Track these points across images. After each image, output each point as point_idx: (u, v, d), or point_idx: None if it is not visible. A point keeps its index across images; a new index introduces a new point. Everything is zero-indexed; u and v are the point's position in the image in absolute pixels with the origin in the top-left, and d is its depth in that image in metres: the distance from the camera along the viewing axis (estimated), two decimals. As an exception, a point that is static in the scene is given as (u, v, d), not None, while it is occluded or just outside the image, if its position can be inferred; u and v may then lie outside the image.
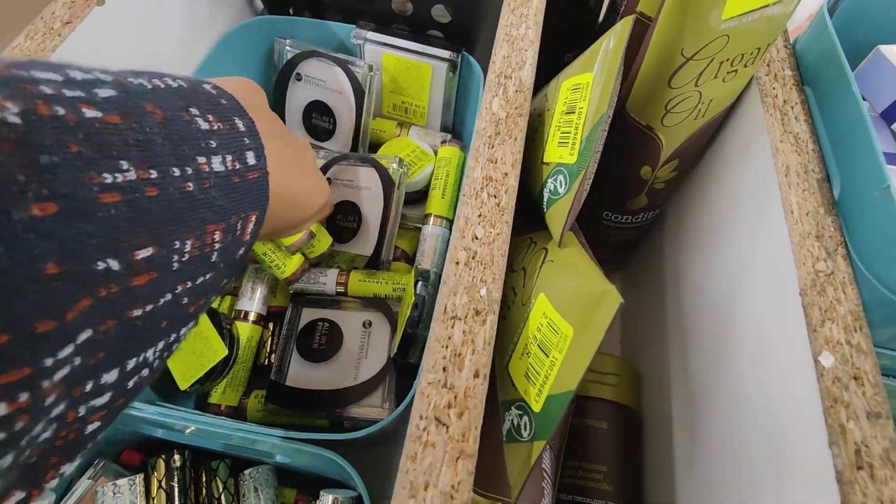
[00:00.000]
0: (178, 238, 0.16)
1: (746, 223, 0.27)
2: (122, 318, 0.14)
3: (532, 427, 0.20)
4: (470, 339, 0.20)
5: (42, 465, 0.14)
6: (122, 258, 0.14)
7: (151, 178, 0.15)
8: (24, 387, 0.12)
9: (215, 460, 0.32)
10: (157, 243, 0.15)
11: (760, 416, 0.23)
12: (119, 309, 0.14)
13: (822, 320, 0.21)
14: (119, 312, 0.14)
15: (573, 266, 0.22)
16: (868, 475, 0.18)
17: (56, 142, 0.13)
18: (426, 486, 0.17)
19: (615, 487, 0.31)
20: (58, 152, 0.13)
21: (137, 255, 0.14)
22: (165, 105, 0.16)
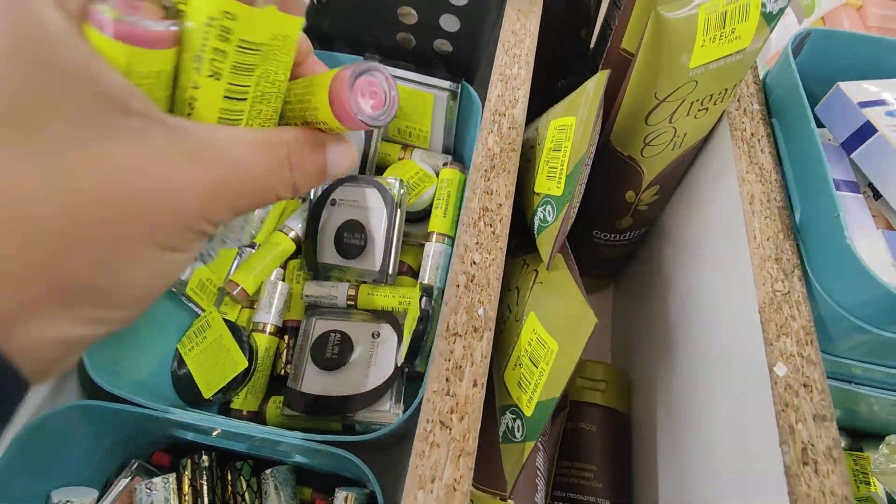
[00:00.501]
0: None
1: (719, 245, 0.30)
2: None
3: (524, 429, 0.23)
4: (469, 353, 0.23)
5: None
6: None
7: None
8: None
9: (239, 461, 0.35)
10: None
11: (726, 419, 0.26)
12: None
13: (777, 335, 0.24)
14: None
15: (559, 288, 0.25)
16: (812, 470, 0.21)
17: None
18: (433, 479, 0.20)
19: (604, 484, 0.34)
20: None
21: None
22: None
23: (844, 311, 0.25)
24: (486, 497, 0.25)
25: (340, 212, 0.44)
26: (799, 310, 0.25)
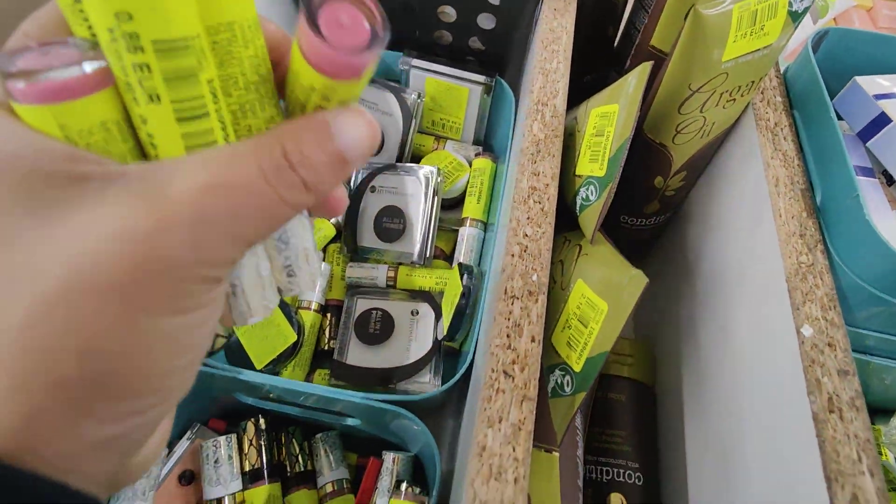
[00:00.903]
0: None
1: (745, 224, 0.32)
2: None
3: (574, 384, 0.26)
4: (526, 314, 0.25)
5: None
6: None
7: None
8: None
9: (291, 426, 0.38)
10: None
11: (754, 380, 0.28)
12: None
13: (803, 301, 0.26)
14: None
15: (604, 258, 0.27)
16: (838, 417, 0.23)
17: None
18: (500, 420, 0.23)
19: (633, 448, 0.36)
20: None
21: None
22: None
23: (864, 282, 0.28)
24: (535, 451, 0.28)
25: (380, 198, 0.46)
26: (822, 279, 0.27)
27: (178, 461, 0.36)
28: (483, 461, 0.22)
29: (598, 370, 0.25)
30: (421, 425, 0.30)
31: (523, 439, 0.22)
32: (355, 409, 0.32)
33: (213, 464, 0.34)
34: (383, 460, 0.35)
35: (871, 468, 0.22)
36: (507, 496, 0.21)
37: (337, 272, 0.47)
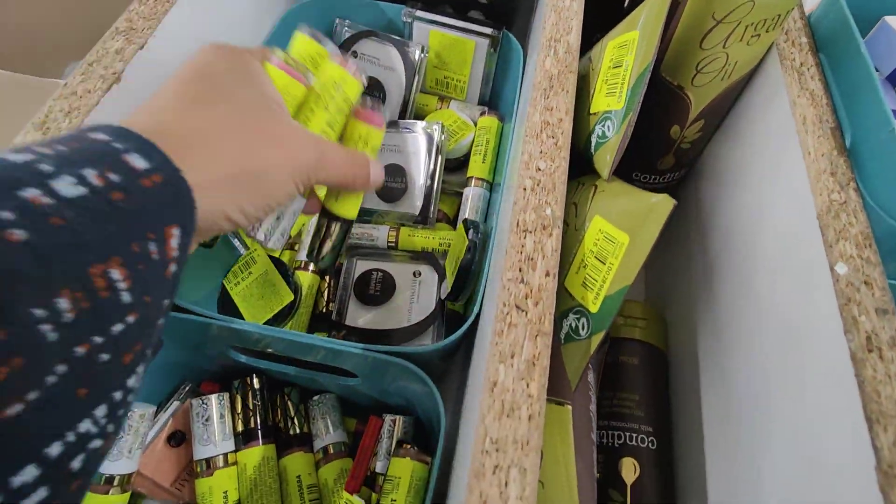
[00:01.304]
0: (35, 302, 0.13)
1: (768, 166, 0.31)
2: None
3: (590, 326, 0.24)
4: (540, 248, 0.23)
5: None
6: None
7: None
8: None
9: (287, 387, 0.36)
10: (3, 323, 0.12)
11: (780, 327, 0.26)
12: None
13: (836, 239, 0.24)
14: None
15: (622, 191, 0.25)
16: (878, 356, 0.21)
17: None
18: (512, 355, 0.21)
19: (646, 413, 0.35)
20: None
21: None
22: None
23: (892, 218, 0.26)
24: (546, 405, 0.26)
25: (381, 157, 0.44)
26: (857, 217, 0.25)
27: (167, 422, 0.34)
28: (495, 397, 0.20)
29: (618, 309, 0.23)
30: (423, 376, 0.28)
31: (538, 374, 0.20)
32: (356, 363, 0.30)
33: (204, 422, 0.32)
34: (384, 420, 0.33)
35: (917, 408, 0.20)
36: (520, 433, 0.19)
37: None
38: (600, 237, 0.24)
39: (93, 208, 0.15)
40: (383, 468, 0.31)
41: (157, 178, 0.17)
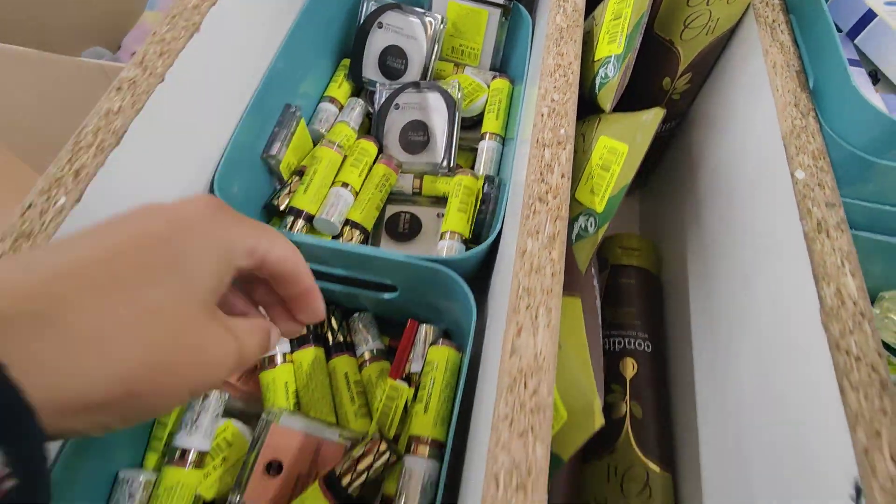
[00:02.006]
0: None
1: (746, 107, 0.36)
2: None
3: (597, 223, 0.29)
4: (556, 157, 0.29)
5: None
6: None
7: None
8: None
9: (331, 306, 0.41)
10: None
11: (753, 233, 0.32)
12: None
13: (796, 153, 0.30)
14: None
15: (621, 117, 0.31)
16: (825, 235, 0.27)
17: None
18: (537, 231, 0.26)
19: (642, 322, 0.40)
20: None
21: None
22: None
23: (851, 146, 0.32)
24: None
25: (404, 114, 0.50)
26: (814, 138, 0.31)
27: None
28: (525, 260, 0.25)
29: (618, 205, 0.28)
30: (456, 277, 0.33)
31: (559, 244, 0.26)
32: (400, 274, 0.36)
33: (264, 328, 0.37)
34: (417, 333, 0.39)
35: (853, 272, 0.26)
36: (545, 284, 0.24)
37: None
38: (604, 151, 0.30)
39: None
40: (418, 367, 0.37)
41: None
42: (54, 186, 0.25)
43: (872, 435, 0.22)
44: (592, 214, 0.30)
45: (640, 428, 0.37)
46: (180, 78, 0.32)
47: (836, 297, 0.25)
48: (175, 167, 0.33)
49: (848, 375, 0.23)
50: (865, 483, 0.21)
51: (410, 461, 0.31)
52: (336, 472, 0.30)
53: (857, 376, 0.23)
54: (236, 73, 0.40)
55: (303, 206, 0.43)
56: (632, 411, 0.37)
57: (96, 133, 0.27)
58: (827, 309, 0.25)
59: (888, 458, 0.21)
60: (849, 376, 0.23)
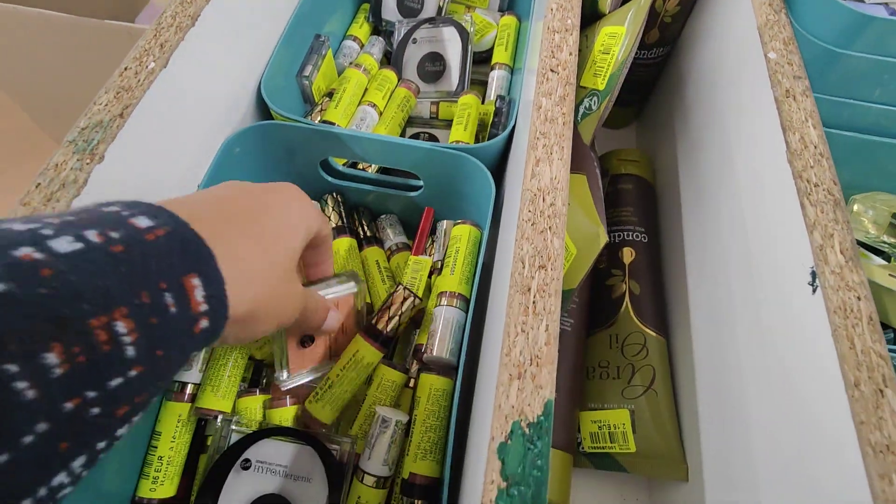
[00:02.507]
0: (9, 359, 0.12)
1: (727, 8, 0.41)
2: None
3: (599, 99, 0.34)
4: (564, 40, 0.34)
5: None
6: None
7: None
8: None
9: (360, 208, 0.46)
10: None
11: (733, 124, 0.37)
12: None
13: (769, 39, 0.35)
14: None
15: (616, 13, 0.36)
16: (793, 99, 0.32)
17: None
18: (549, 94, 0.31)
19: (639, 219, 0.45)
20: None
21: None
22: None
23: (819, 40, 0.36)
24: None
25: (420, 48, 0.54)
26: (785, 29, 0.36)
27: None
28: (540, 113, 0.30)
29: (619, 81, 0.33)
30: (478, 163, 0.38)
31: (567, 102, 0.30)
32: (422, 161, 0.40)
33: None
34: (436, 225, 0.43)
35: (815, 125, 0.31)
36: (557, 130, 0.29)
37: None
38: (605, 38, 0.35)
39: (90, 260, 0.14)
40: (440, 256, 0.42)
41: (161, 231, 0.17)
42: (144, 55, 0.30)
43: (826, 236, 0.27)
44: (595, 94, 0.35)
45: (638, 302, 0.42)
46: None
47: (800, 142, 0.30)
48: (233, 60, 0.38)
49: (808, 196, 0.28)
50: (819, 269, 0.26)
51: (439, 310, 0.36)
52: (372, 322, 0.35)
53: (816, 196, 0.28)
54: (272, 11, 0.45)
55: (334, 120, 0.47)
56: (630, 289, 0.42)
57: (174, 16, 0.32)
58: (792, 150, 0.30)
59: (838, 252, 0.26)
60: (808, 196, 0.28)
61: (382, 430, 0.33)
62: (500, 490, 0.19)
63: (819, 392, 0.24)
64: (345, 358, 0.35)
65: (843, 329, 0.24)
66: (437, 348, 0.34)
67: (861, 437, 0.21)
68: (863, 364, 0.23)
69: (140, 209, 0.17)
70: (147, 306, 0.15)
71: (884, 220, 0.46)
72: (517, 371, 0.22)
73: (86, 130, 0.27)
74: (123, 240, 0.16)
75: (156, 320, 0.15)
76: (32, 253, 0.14)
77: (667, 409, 0.38)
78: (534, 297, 0.24)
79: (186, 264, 0.17)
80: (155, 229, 0.17)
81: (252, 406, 0.36)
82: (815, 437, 0.24)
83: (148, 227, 0.17)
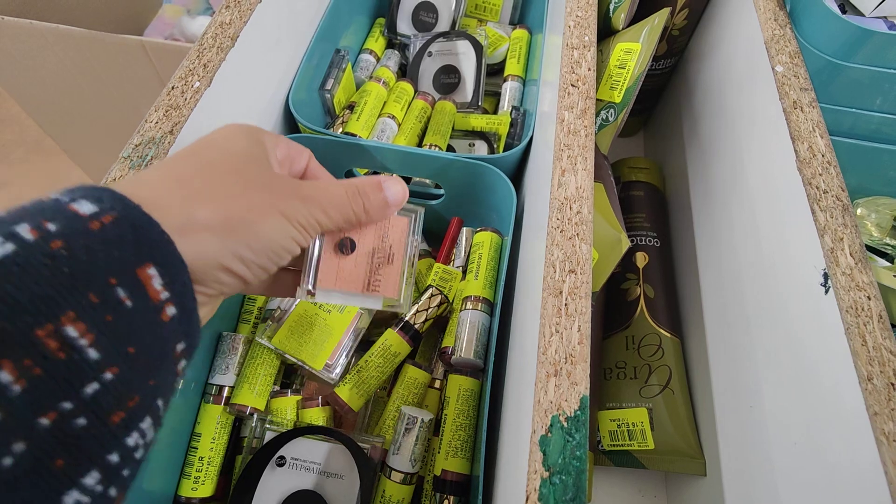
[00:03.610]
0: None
1: (734, 28, 0.43)
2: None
3: (616, 112, 0.36)
4: (583, 56, 0.36)
5: None
6: None
7: None
8: None
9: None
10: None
11: (743, 128, 0.39)
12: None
13: (776, 53, 0.37)
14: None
15: (631, 29, 0.38)
16: (800, 111, 0.34)
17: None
18: (571, 108, 0.33)
19: (651, 224, 0.47)
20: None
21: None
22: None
23: (822, 53, 0.38)
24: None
25: (435, 61, 0.56)
26: (790, 42, 0.38)
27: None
28: (563, 126, 0.32)
29: (634, 94, 0.35)
30: (499, 172, 0.40)
31: (588, 115, 0.32)
32: (444, 171, 0.42)
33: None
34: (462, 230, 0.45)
35: (822, 135, 0.33)
36: (580, 142, 0.31)
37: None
38: (621, 54, 0.36)
39: (26, 264, 0.13)
40: (462, 263, 0.43)
41: (107, 217, 0.15)
42: (189, 74, 0.32)
43: (837, 240, 0.28)
44: (612, 106, 0.37)
45: (653, 304, 0.43)
46: (260, 19, 0.38)
47: (809, 151, 0.32)
48: (265, 77, 0.40)
49: (818, 202, 0.30)
50: (831, 271, 0.27)
51: (465, 314, 0.37)
52: (405, 319, 0.37)
53: (825, 203, 0.30)
54: (295, 28, 0.46)
55: (356, 132, 0.49)
56: (645, 292, 0.44)
57: (214, 37, 0.34)
58: (801, 159, 0.31)
59: (848, 254, 0.28)
60: (818, 203, 0.30)
61: (409, 428, 0.35)
62: (544, 479, 0.21)
63: (833, 386, 0.26)
64: (375, 347, 0.37)
65: (856, 327, 0.26)
66: (465, 350, 0.35)
67: (875, 427, 0.23)
68: (874, 359, 0.25)
69: (80, 192, 0.16)
70: (97, 305, 0.14)
71: (886, 223, 0.47)
72: (553, 369, 0.23)
73: (140, 147, 0.28)
74: (63, 233, 0.14)
75: (111, 317, 0.14)
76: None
77: (683, 407, 0.39)
78: (566, 299, 0.26)
79: (139, 254, 0.15)
80: (100, 216, 0.15)
81: (285, 406, 0.38)
82: (830, 428, 0.26)
83: (91, 213, 0.15)
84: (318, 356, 0.37)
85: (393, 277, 0.29)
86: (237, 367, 0.38)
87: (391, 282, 0.29)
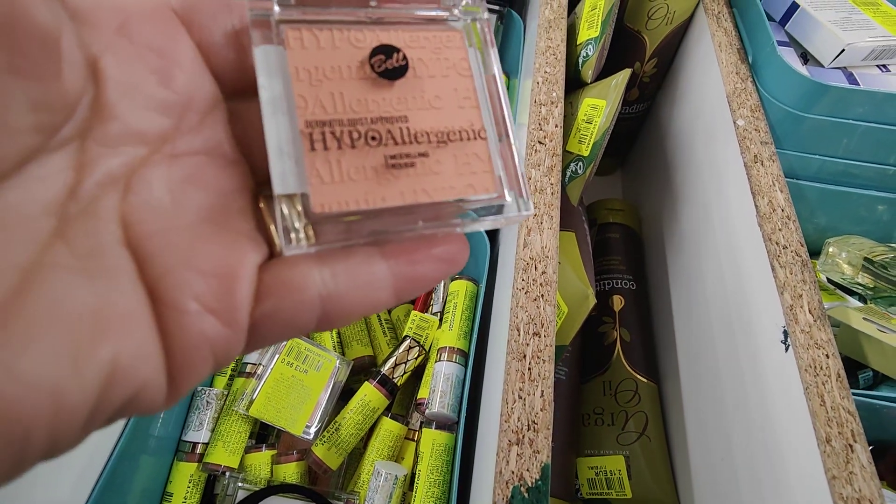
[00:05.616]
0: None
1: (699, 78, 0.45)
2: None
3: (584, 165, 0.37)
4: (551, 112, 0.37)
5: None
6: None
7: None
8: None
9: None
10: None
11: (710, 179, 0.40)
12: None
13: (738, 107, 0.38)
14: None
15: (599, 83, 0.39)
16: (760, 164, 0.35)
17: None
18: (538, 165, 0.34)
19: (627, 267, 0.48)
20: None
21: None
22: None
23: (783, 104, 0.40)
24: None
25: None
26: (751, 96, 0.39)
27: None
28: (530, 184, 0.33)
29: (602, 148, 0.36)
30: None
31: (555, 172, 0.33)
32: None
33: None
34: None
35: (782, 189, 0.34)
36: (546, 200, 0.32)
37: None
38: (587, 108, 0.38)
39: None
40: (439, 308, 0.44)
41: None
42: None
43: (796, 297, 0.29)
44: (581, 159, 0.37)
45: (629, 349, 0.44)
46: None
47: (769, 206, 0.33)
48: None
49: (777, 258, 0.31)
50: (790, 328, 0.28)
51: (439, 366, 0.37)
52: (382, 372, 0.37)
53: (785, 258, 0.30)
54: None
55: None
56: (621, 336, 0.44)
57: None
58: (762, 214, 0.32)
59: (807, 311, 0.28)
60: (778, 259, 0.30)
61: (383, 484, 0.34)
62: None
63: (795, 446, 0.26)
64: (353, 403, 0.37)
65: (815, 386, 0.26)
66: (439, 403, 0.35)
67: (833, 491, 0.23)
68: (833, 420, 0.25)
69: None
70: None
71: (857, 261, 0.48)
72: (515, 437, 0.24)
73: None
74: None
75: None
76: None
77: (660, 454, 0.39)
78: (529, 363, 0.26)
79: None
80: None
81: (259, 462, 0.37)
82: (796, 488, 0.26)
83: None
84: (297, 421, 0.37)
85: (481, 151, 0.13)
86: (212, 421, 0.38)
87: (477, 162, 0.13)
